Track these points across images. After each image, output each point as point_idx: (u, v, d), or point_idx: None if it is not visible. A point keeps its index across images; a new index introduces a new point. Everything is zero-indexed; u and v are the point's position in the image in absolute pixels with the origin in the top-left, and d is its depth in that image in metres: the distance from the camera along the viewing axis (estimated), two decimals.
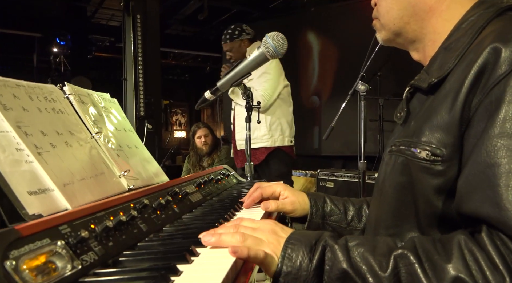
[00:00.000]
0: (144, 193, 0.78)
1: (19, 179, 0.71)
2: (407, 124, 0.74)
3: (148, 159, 1.26)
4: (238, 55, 2.76)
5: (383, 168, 0.78)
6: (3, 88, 0.82)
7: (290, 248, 0.61)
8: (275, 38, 1.20)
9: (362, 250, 0.58)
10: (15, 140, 0.76)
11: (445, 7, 0.72)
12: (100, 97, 1.21)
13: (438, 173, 0.63)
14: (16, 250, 0.43)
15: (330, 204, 0.98)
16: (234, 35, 2.75)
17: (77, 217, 0.56)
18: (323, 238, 0.62)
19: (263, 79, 2.60)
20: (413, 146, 0.67)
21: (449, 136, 0.62)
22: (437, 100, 0.66)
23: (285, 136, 2.72)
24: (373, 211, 0.80)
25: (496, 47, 0.58)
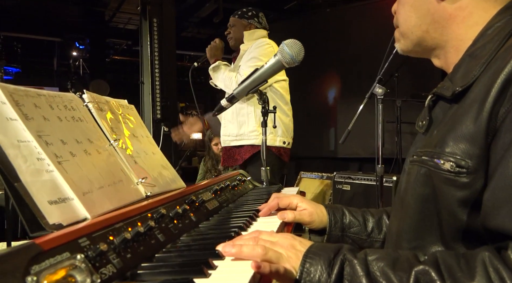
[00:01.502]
0: (161, 202, 0.78)
1: (40, 189, 0.72)
2: (429, 133, 0.72)
3: (165, 165, 1.27)
4: (237, 35, 2.51)
5: (405, 178, 0.76)
6: (25, 98, 0.83)
7: (308, 263, 0.60)
8: (292, 46, 1.19)
9: (382, 265, 0.56)
10: (36, 150, 0.77)
11: (467, 14, 0.70)
12: (118, 103, 1.23)
13: (463, 185, 0.60)
14: (37, 265, 0.43)
15: (349, 216, 0.97)
16: (246, 15, 2.52)
17: (96, 229, 0.56)
18: (342, 252, 0.60)
19: (251, 63, 2.28)
20: (436, 157, 0.65)
21: (474, 147, 0.59)
22: (461, 109, 0.64)
23: (277, 135, 2.38)
24: (394, 223, 0.78)
25: None
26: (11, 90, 0.80)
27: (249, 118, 2.33)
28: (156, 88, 4.13)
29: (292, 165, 5.82)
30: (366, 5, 5.21)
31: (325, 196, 4.29)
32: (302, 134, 5.61)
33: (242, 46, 2.48)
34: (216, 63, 2.36)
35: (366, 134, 4.06)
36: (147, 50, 4.24)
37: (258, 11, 2.60)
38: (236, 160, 2.38)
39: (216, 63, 2.36)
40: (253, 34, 2.48)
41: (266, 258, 0.60)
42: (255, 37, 2.46)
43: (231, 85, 2.27)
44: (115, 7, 7.11)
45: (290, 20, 6.02)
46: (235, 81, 2.25)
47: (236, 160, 2.38)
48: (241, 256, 0.61)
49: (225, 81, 2.32)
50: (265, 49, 2.33)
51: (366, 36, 5.12)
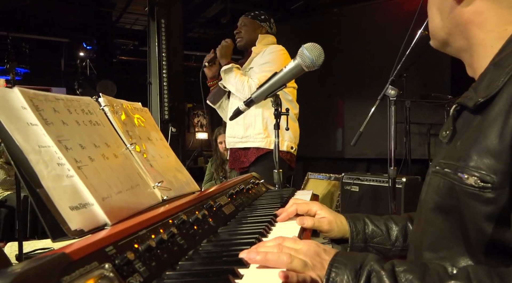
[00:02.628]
0: (181, 208, 0.78)
1: (62, 194, 0.72)
2: (453, 144, 0.70)
3: (179, 168, 1.26)
4: (247, 36, 2.45)
5: (427, 189, 0.74)
6: (44, 102, 0.83)
7: (334, 272, 0.59)
8: (312, 49, 1.18)
9: (410, 277, 0.55)
10: (57, 155, 0.77)
11: (484, 19, 0.69)
12: (132, 106, 1.22)
13: (488, 201, 0.59)
14: (68, 276, 0.43)
15: (371, 226, 0.94)
16: (259, 17, 2.48)
17: (121, 237, 0.56)
18: (368, 262, 0.59)
19: (266, 68, 2.25)
20: (460, 171, 0.63)
21: (499, 162, 0.58)
22: (485, 122, 0.62)
23: (284, 139, 2.33)
24: (416, 233, 0.77)
25: None
26: (31, 95, 0.80)
27: (256, 121, 2.29)
28: (164, 88, 4.14)
29: (299, 165, 5.80)
30: (373, 5, 5.18)
31: (333, 197, 4.27)
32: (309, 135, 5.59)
33: (254, 49, 2.43)
34: (229, 65, 2.30)
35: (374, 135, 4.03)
36: (155, 50, 4.25)
37: (270, 16, 2.58)
38: (242, 162, 2.35)
39: (230, 65, 2.30)
40: (265, 39, 2.45)
41: (292, 267, 0.59)
42: (267, 42, 2.44)
43: (243, 90, 2.23)
44: (122, 8, 7.14)
45: (296, 20, 6.00)
46: (247, 86, 2.21)
47: (242, 162, 2.35)
48: (266, 264, 0.60)
49: (237, 85, 2.27)
50: (280, 55, 2.30)
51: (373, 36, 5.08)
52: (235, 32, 2.52)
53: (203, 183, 4.30)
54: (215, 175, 4.20)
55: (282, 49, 2.36)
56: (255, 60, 2.36)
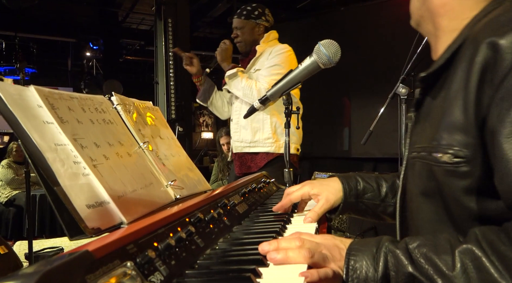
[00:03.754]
0: (196, 206, 0.77)
1: (78, 193, 0.71)
2: (420, 127, 0.74)
3: (191, 166, 1.26)
4: (246, 38, 2.31)
5: (409, 174, 0.77)
6: (59, 101, 0.83)
7: (352, 260, 0.60)
8: (329, 46, 1.16)
9: (424, 251, 0.56)
10: (72, 153, 0.77)
11: (448, 9, 0.74)
12: (144, 105, 1.22)
13: (465, 174, 0.62)
14: (92, 274, 0.43)
15: (362, 182, 0.98)
16: (253, 14, 2.30)
17: (141, 235, 0.55)
18: (383, 244, 0.60)
19: (274, 71, 2.16)
20: (434, 151, 0.66)
21: (468, 136, 0.61)
22: (447, 100, 0.65)
23: (292, 142, 2.22)
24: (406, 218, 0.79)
25: (492, 42, 0.57)
26: (46, 93, 0.80)
27: (264, 125, 2.22)
28: (171, 88, 4.15)
29: (306, 165, 5.79)
30: (380, 3, 5.14)
31: None
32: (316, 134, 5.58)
33: (259, 48, 2.32)
34: (234, 70, 2.21)
35: (381, 134, 4.01)
36: (162, 50, 4.25)
37: (264, 7, 2.38)
38: (249, 167, 2.27)
39: (234, 70, 2.21)
40: (270, 35, 2.35)
41: (313, 261, 0.59)
42: (271, 39, 2.35)
43: (251, 94, 2.14)
44: (128, 8, 7.16)
45: (302, 19, 5.98)
46: (256, 90, 2.13)
47: (249, 167, 2.27)
48: (287, 261, 0.60)
49: (244, 90, 2.17)
50: (288, 57, 2.21)
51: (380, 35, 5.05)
52: (232, 36, 2.39)
53: (209, 183, 4.30)
54: (221, 175, 4.20)
55: (289, 50, 2.27)
56: (261, 61, 2.26)
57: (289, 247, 0.61)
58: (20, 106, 0.73)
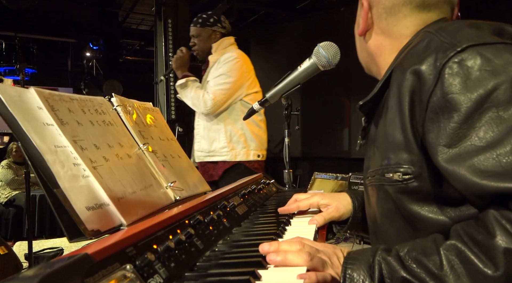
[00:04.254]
0: (196, 208, 0.77)
1: (78, 195, 0.72)
2: (370, 152, 0.80)
3: (190, 168, 1.26)
4: (203, 46, 2.32)
5: (368, 200, 0.81)
6: (59, 102, 0.83)
7: (350, 268, 0.61)
8: (328, 48, 1.16)
9: (414, 255, 0.58)
10: (72, 155, 0.77)
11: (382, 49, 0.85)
12: (144, 106, 1.22)
13: (416, 189, 0.66)
14: (91, 277, 0.43)
15: None
16: (208, 22, 2.32)
17: (140, 238, 0.55)
18: (377, 253, 0.62)
19: (220, 81, 2.18)
20: (385, 172, 0.71)
21: (411, 154, 0.66)
22: (388, 124, 0.71)
23: (250, 149, 2.26)
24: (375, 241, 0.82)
25: (415, 69, 0.65)
26: (46, 95, 0.81)
27: (219, 134, 2.25)
28: (171, 88, 4.14)
29: (306, 165, 5.79)
30: None
31: None
32: (316, 135, 5.58)
33: (210, 58, 2.33)
34: (183, 80, 2.26)
35: None
36: (162, 50, 4.25)
37: (219, 14, 2.42)
38: (211, 176, 2.29)
39: (183, 80, 2.26)
40: (221, 44, 2.32)
41: (312, 265, 0.60)
42: (224, 46, 2.33)
43: (199, 104, 2.19)
44: (128, 8, 7.16)
45: (303, 19, 5.97)
46: (203, 101, 2.17)
47: (211, 176, 2.29)
48: (286, 264, 0.60)
49: (193, 100, 2.22)
50: (234, 64, 2.20)
51: None
52: (190, 44, 2.40)
53: None
54: None
55: (236, 57, 2.24)
56: (211, 71, 2.28)
57: (289, 250, 0.62)
58: (20, 108, 0.74)
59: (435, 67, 0.62)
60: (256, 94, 2.36)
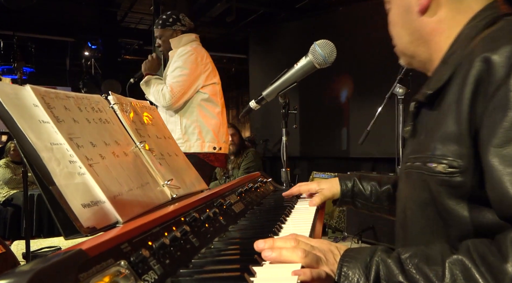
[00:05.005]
0: (192, 206, 0.78)
1: (74, 192, 0.72)
2: (417, 139, 0.75)
3: (188, 166, 1.26)
4: (166, 46, 2.42)
5: (403, 186, 0.79)
6: (55, 100, 0.83)
7: (345, 266, 0.60)
8: (324, 46, 1.17)
9: (416, 261, 0.57)
10: (68, 152, 0.77)
11: (446, 26, 0.76)
12: (141, 104, 1.22)
13: (458, 184, 0.63)
14: (85, 272, 0.43)
15: (359, 185, 1.13)
16: (167, 22, 2.41)
17: (135, 234, 0.56)
18: (376, 253, 0.61)
19: (176, 74, 2.26)
20: (428, 161, 0.68)
21: (462, 147, 0.63)
22: (442, 113, 0.68)
23: (205, 141, 2.33)
24: (400, 230, 0.80)
25: (486, 57, 0.60)
26: (42, 93, 0.81)
27: (176, 126, 2.33)
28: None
29: (304, 164, 5.79)
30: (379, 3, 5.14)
31: None
32: (314, 134, 5.58)
33: (171, 53, 2.42)
34: (146, 78, 2.35)
35: (379, 134, 4.02)
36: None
37: (178, 13, 2.48)
38: None
39: (146, 78, 2.34)
40: (180, 40, 2.39)
41: (307, 261, 0.60)
42: (183, 43, 2.39)
43: (159, 98, 2.25)
44: (127, 7, 7.16)
45: (301, 19, 5.98)
46: (162, 94, 2.23)
47: None
48: (281, 260, 0.60)
49: (155, 94, 2.28)
50: (189, 57, 2.28)
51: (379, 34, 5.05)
52: (156, 45, 2.51)
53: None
54: (217, 173, 4.18)
55: (189, 51, 2.31)
56: (170, 66, 2.36)
57: (284, 247, 0.62)
58: (16, 106, 0.74)
59: (509, 58, 0.57)
60: (214, 86, 2.41)
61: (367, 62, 5.19)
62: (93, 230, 0.70)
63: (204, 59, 2.36)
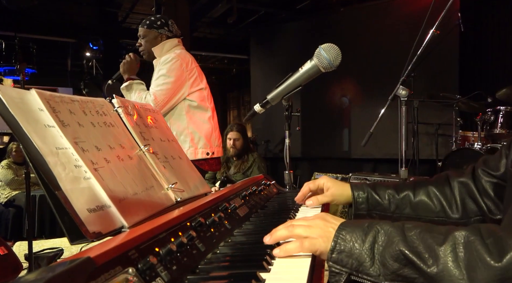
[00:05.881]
0: (197, 210, 0.77)
1: (79, 197, 0.71)
2: None
3: (191, 169, 1.26)
4: (148, 47, 2.36)
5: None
6: (60, 104, 0.83)
7: (344, 230, 0.63)
8: (329, 50, 1.16)
9: (419, 230, 0.58)
10: (74, 157, 0.77)
11: None
12: (145, 107, 1.22)
13: None
14: (93, 281, 0.43)
15: (374, 196, 1.05)
16: (155, 24, 2.35)
17: (142, 240, 0.55)
18: (377, 222, 0.63)
19: (160, 82, 2.21)
20: None
21: None
22: None
23: (198, 148, 2.31)
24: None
25: None
26: (47, 97, 0.80)
27: None
28: None
29: (306, 165, 5.79)
30: (381, 4, 5.15)
31: None
32: (316, 135, 5.58)
33: (155, 61, 2.37)
34: (127, 83, 2.29)
35: (381, 135, 4.01)
36: None
37: (167, 18, 2.43)
38: None
39: (127, 83, 2.29)
40: (163, 47, 2.34)
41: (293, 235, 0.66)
42: (166, 50, 2.35)
43: None
44: (128, 8, 7.16)
45: (302, 20, 5.97)
46: (145, 102, 2.17)
47: None
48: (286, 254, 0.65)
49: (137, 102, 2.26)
50: (173, 64, 2.22)
51: (380, 35, 5.06)
52: (136, 45, 2.44)
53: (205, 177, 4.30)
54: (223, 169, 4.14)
55: (174, 58, 2.25)
56: (154, 74, 2.31)
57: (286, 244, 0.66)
58: (22, 110, 0.73)
59: None
60: (201, 91, 2.35)
61: (369, 62, 5.19)
62: (99, 235, 0.70)
63: (189, 65, 2.30)
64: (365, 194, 1.05)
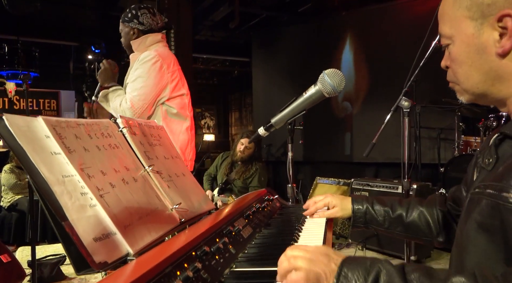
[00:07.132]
0: (202, 237, 0.78)
1: (86, 226, 0.72)
2: (495, 169, 0.74)
3: (195, 186, 1.27)
4: (125, 42, 2.15)
5: (468, 212, 0.78)
6: (66, 129, 0.84)
7: (346, 267, 0.63)
8: (333, 76, 1.17)
9: (418, 275, 0.59)
10: (80, 184, 0.77)
11: None
12: (149, 125, 1.23)
13: None
14: None
15: (372, 212, 1.16)
16: (126, 17, 2.10)
17: (149, 278, 0.56)
18: (379, 261, 0.63)
19: (137, 85, 1.95)
20: (504, 190, 0.67)
21: None
22: None
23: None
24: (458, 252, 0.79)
25: None
26: (53, 123, 0.81)
27: None
28: None
29: (307, 169, 5.79)
30: (383, 7, 5.14)
31: None
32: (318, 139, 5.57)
33: (131, 56, 2.13)
34: (101, 94, 2.06)
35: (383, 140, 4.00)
36: None
37: (138, 8, 2.12)
38: None
39: (101, 94, 2.05)
40: (144, 42, 2.08)
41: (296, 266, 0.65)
42: (147, 44, 2.08)
43: (122, 113, 1.95)
44: None
45: (304, 23, 5.97)
46: (121, 110, 1.96)
47: None
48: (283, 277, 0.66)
49: (116, 110, 1.99)
50: (152, 66, 1.97)
51: (382, 39, 5.05)
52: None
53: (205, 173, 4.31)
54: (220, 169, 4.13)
55: (153, 57, 1.99)
56: (131, 73, 2.07)
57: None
58: (29, 139, 0.74)
59: None
60: (182, 98, 2.11)
61: (372, 66, 5.18)
62: (104, 265, 0.70)
63: (171, 67, 2.05)
64: (364, 208, 1.18)
